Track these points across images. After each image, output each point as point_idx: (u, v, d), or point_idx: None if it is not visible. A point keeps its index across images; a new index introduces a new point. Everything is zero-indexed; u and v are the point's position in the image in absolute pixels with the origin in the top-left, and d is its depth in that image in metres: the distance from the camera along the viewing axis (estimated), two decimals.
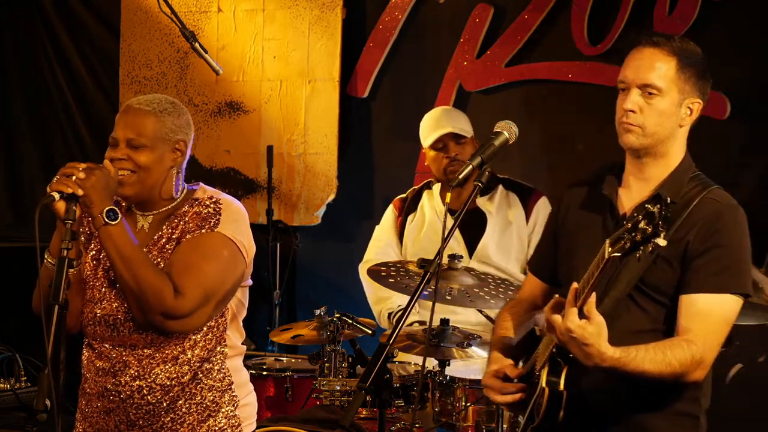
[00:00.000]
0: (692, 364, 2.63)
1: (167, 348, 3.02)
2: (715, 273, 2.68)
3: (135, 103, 3.07)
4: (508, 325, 2.97)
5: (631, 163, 2.83)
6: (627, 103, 2.74)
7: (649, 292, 2.72)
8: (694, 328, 2.66)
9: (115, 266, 2.91)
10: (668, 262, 2.70)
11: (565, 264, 2.89)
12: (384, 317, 4.75)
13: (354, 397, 2.57)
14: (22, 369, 4.91)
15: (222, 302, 3.07)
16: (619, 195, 2.83)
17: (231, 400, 3.11)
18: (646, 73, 2.74)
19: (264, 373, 4.61)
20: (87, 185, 2.85)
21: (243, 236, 3.09)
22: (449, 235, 2.63)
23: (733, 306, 2.72)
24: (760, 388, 4.94)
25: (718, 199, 2.77)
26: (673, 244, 2.65)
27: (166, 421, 3.03)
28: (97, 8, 6.48)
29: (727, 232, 2.72)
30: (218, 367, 3.09)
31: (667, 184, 2.77)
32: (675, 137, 2.79)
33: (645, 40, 2.78)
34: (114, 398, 3.02)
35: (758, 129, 5.02)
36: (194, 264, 2.97)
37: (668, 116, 2.75)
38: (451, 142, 4.69)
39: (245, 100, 6.10)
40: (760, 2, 5.02)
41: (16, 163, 6.62)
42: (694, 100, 2.81)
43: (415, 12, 5.79)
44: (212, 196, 3.10)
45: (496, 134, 2.72)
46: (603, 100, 5.28)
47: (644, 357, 2.60)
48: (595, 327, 2.53)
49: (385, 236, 4.90)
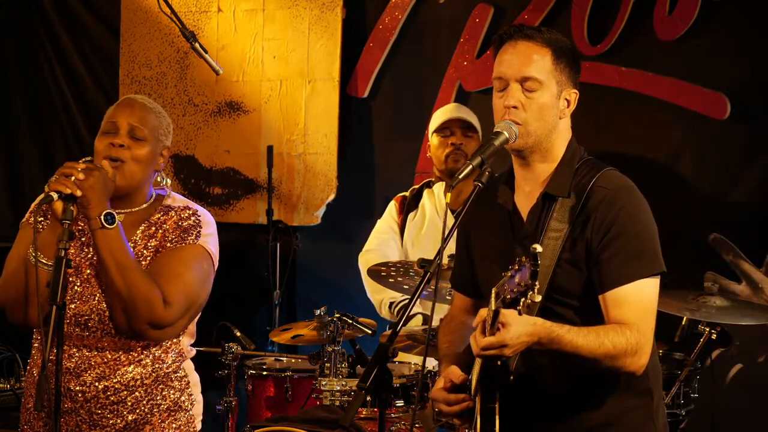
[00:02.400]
0: (628, 348, 2.57)
1: (134, 350, 3.03)
2: (623, 263, 2.62)
3: (137, 98, 3.10)
4: (448, 339, 2.94)
5: (518, 164, 2.80)
6: (509, 99, 2.70)
7: (560, 297, 2.68)
8: (623, 317, 2.61)
9: (108, 271, 2.90)
10: (573, 265, 2.67)
11: (482, 278, 2.87)
12: (385, 307, 4.74)
13: (354, 397, 2.57)
14: (22, 369, 4.92)
15: (196, 313, 3.12)
16: (514, 200, 2.80)
17: (188, 399, 3.14)
18: (525, 67, 2.69)
19: (264, 373, 4.61)
20: (85, 186, 2.84)
21: (216, 250, 3.13)
22: (449, 235, 2.62)
23: (652, 288, 2.66)
24: (760, 388, 4.94)
25: (606, 185, 2.69)
26: (573, 244, 2.65)
27: (129, 421, 3.04)
28: (97, 8, 6.48)
29: (622, 218, 2.65)
30: (177, 368, 3.12)
31: (553, 180, 2.74)
32: (557, 130, 2.75)
33: (516, 34, 2.73)
34: (77, 398, 3.01)
35: (758, 129, 5.02)
36: (180, 275, 2.99)
37: (549, 109, 2.71)
38: (458, 129, 4.70)
39: (245, 100, 6.10)
40: (760, 2, 5.02)
41: (16, 163, 6.62)
42: (571, 90, 2.77)
43: (415, 12, 5.79)
44: (188, 206, 3.13)
45: (496, 134, 2.71)
46: (603, 100, 5.33)
47: (578, 332, 2.55)
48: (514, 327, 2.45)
49: (387, 227, 4.90)
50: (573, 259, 2.66)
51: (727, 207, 5.03)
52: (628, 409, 2.72)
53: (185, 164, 6.16)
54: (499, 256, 2.74)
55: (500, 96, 2.73)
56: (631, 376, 2.65)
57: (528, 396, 2.70)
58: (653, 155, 5.19)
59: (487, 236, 2.86)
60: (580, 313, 2.68)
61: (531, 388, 2.69)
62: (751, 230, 4.98)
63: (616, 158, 2.90)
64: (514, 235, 2.77)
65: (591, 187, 2.69)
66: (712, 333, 4.25)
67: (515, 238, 2.76)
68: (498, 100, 2.74)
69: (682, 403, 4.30)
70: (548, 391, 2.70)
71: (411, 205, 4.89)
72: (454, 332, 2.95)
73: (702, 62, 5.07)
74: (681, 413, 4.30)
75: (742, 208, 5.00)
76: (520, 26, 2.77)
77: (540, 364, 2.67)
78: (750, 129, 5.04)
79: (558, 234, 2.67)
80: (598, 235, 2.65)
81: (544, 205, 2.73)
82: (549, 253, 2.64)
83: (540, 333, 2.50)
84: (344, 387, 4.16)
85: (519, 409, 2.67)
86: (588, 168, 2.76)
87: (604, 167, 2.76)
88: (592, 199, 2.68)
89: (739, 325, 4.68)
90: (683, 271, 4.81)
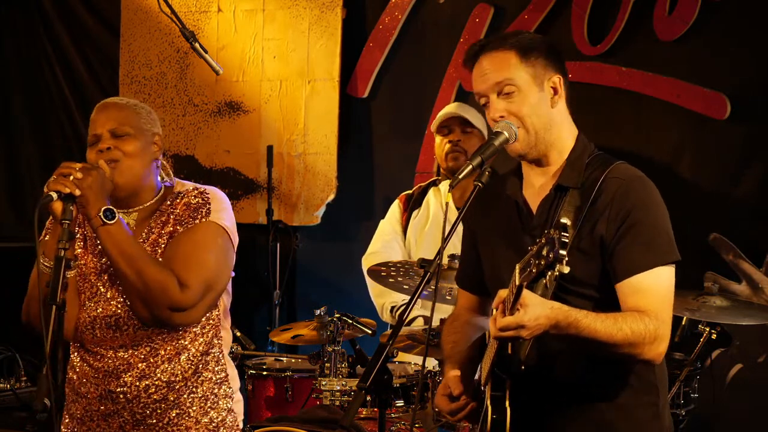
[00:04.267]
0: (647, 335, 2.58)
1: (169, 344, 3.03)
2: (640, 252, 2.63)
3: (109, 101, 3.12)
4: (453, 339, 2.93)
5: (526, 163, 2.81)
6: (493, 112, 2.72)
7: (574, 288, 2.67)
8: (642, 305, 2.61)
9: (118, 265, 2.91)
10: (587, 254, 2.66)
11: (489, 273, 2.87)
12: (387, 311, 4.75)
13: (354, 397, 2.57)
14: (22, 369, 4.92)
15: (220, 291, 3.08)
16: (523, 192, 2.81)
17: (226, 392, 3.13)
18: (493, 74, 2.71)
19: (264, 373, 4.61)
20: (84, 185, 2.84)
21: (231, 224, 3.10)
22: (449, 235, 2.63)
23: (669, 276, 2.67)
24: (760, 388, 4.94)
25: (620, 176, 2.71)
26: (587, 234, 2.65)
27: (172, 417, 3.04)
28: (97, 8, 6.48)
29: (638, 207, 2.66)
30: (216, 360, 3.11)
31: (565, 171, 2.75)
32: (555, 121, 2.75)
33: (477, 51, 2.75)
34: (119, 400, 3.02)
35: (758, 129, 5.02)
36: (194, 255, 2.98)
37: (536, 103, 2.71)
38: (457, 127, 4.71)
39: (245, 100, 6.10)
40: (760, 2, 5.02)
41: (16, 163, 6.62)
42: (552, 75, 2.75)
43: (415, 12, 5.79)
44: (196, 187, 3.13)
45: (496, 134, 2.71)
46: (603, 100, 5.33)
47: (596, 317, 2.54)
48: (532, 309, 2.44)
49: (391, 229, 4.91)
50: (585, 249, 2.66)
51: (727, 207, 5.03)
52: (637, 405, 2.73)
53: (185, 164, 6.16)
54: (507, 249, 2.74)
55: (487, 111, 2.76)
56: (642, 373, 2.67)
57: (539, 387, 2.70)
58: (653, 155, 5.19)
59: (494, 231, 2.86)
60: (592, 304, 2.67)
61: (542, 379, 2.69)
62: (751, 230, 4.98)
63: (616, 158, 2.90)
64: (523, 227, 2.77)
65: (604, 178, 2.70)
66: (712, 333, 4.26)
67: (524, 230, 2.76)
68: (488, 116, 2.77)
69: (682, 403, 4.30)
70: (559, 383, 2.70)
71: (415, 203, 4.90)
72: (458, 332, 2.95)
73: (702, 62, 5.08)
74: (681, 413, 4.30)
75: (742, 208, 5.00)
76: (480, 43, 2.79)
77: (553, 354, 2.67)
78: (750, 129, 5.04)
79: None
80: (614, 225, 2.65)
81: (556, 196, 2.74)
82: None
83: (558, 316, 2.50)
84: (344, 387, 4.16)
85: (530, 399, 2.67)
86: (600, 161, 2.77)
87: (616, 161, 2.77)
88: (606, 190, 2.68)
89: (739, 325, 4.68)
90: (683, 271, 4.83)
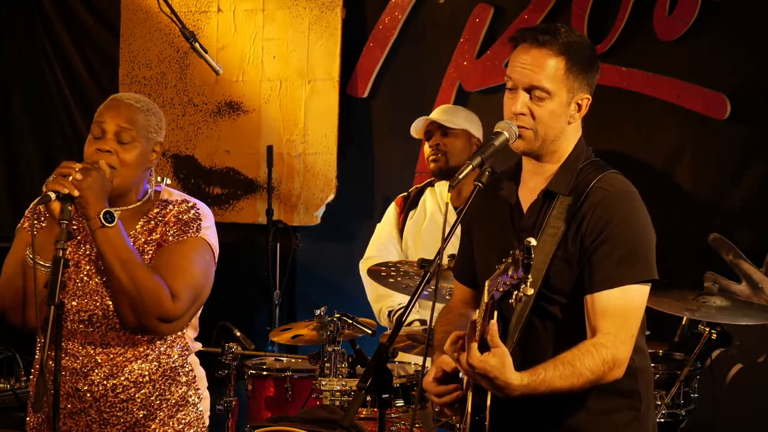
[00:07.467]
0: (605, 367, 2.57)
1: (140, 345, 3.04)
2: (611, 267, 2.61)
3: (124, 98, 3.08)
4: (444, 329, 2.92)
5: (526, 159, 2.81)
6: (516, 106, 2.69)
7: (552, 295, 2.68)
8: (602, 327, 2.59)
9: (113, 269, 2.90)
10: (567, 263, 2.66)
11: (479, 268, 2.87)
12: (384, 315, 4.76)
13: (354, 397, 2.57)
14: (22, 369, 4.92)
15: (202, 304, 3.13)
16: (517, 194, 2.81)
17: (195, 393, 3.16)
18: (535, 75, 2.68)
19: (264, 373, 4.62)
20: (83, 186, 2.84)
21: (216, 242, 3.14)
22: (449, 235, 2.63)
23: (638, 296, 2.64)
24: (760, 388, 4.94)
25: (606, 186, 2.69)
26: (569, 241, 2.65)
27: (139, 417, 3.05)
28: (97, 8, 6.48)
29: (617, 221, 2.64)
30: (183, 362, 3.13)
31: (556, 176, 2.74)
32: (564, 133, 2.75)
33: (530, 38, 2.70)
34: (86, 399, 3.01)
35: (758, 129, 5.02)
36: (185, 268, 3.00)
37: (557, 116, 2.71)
38: (437, 131, 4.76)
39: (245, 100, 6.10)
40: (760, 2, 5.02)
41: (16, 163, 6.63)
42: (583, 96, 2.76)
43: (415, 12, 5.79)
44: (185, 200, 3.14)
45: (496, 134, 2.70)
46: (603, 100, 5.31)
47: (553, 375, 2.54)
48: (498, 359, 2.47)
49: (387, 233, 4.92)
50: (567, 257, 2.66)
51: (727, 207, 5.04)
52: (613, 409, 2.72)
53: (185, 164, 6.16)
54: (496, 247, 2.74)
55: (510, 96, 2.73)
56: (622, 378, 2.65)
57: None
58: (653, 155, 5.20)
59: (487, 227, 2.86)
60: (570, 312, 2.67)
61: None
62: (751, 230, 4.98)
63: (616, 158, 2.90)
64: (514, 228, 2.77)
65: (591, 187, 2.69)
66: (712, 333, 4.25)
67: (514, 232, 2.77)
68: (508, 99, 2.74)
69: (682, 403, 4.30)
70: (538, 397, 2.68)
71: (412, 204, 4.91)
72: (451, 323, 2.94)
73: (702, 62, 5.07)
74: (681, 413, 4.30)
75: (742, 208, 5.00)
76: (536, 30, 2.73)
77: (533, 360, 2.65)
78: (750, 129, 5.04)
79: (555, 231, 2.67)
80: (591, 236, 2.64)
81: (544, 201, 2.74)
82: (545, 250, 2.65)
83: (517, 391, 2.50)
84: (344, 387, 4.16)
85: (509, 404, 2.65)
86: (592, 168, 2.76)
87: (609, 169, 2.76)
88: (589, 199, 2.67)
89: (739, 325, 4.68)
90: (683, 271, 4.83)
